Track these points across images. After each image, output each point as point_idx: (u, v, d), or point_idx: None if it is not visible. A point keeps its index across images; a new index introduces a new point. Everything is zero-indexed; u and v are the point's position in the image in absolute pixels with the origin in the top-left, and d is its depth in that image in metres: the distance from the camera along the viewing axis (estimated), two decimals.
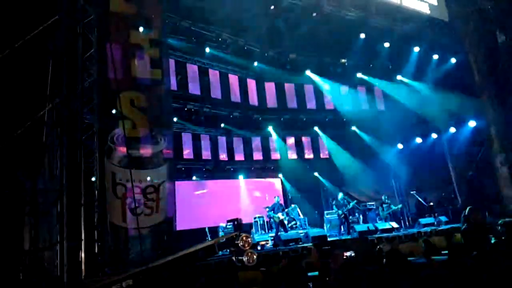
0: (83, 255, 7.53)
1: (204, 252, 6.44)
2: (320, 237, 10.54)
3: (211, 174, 15.94)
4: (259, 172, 17.24)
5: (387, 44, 15.37)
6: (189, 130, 14.82)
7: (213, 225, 13.94)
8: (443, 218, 12.96)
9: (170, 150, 8.81)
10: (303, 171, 17.98)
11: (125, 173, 7.86)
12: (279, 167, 17.60)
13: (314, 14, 12.95)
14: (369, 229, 11.65)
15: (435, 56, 15.65)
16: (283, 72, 16.24)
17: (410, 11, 13.31)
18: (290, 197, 17.14)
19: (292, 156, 17.69)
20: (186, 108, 14.36)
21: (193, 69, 14.30)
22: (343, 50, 15.90)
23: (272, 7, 12.47)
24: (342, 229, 12.48)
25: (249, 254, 6.60)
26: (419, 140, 16.48)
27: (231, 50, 14.27)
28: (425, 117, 15.99)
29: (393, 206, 13.36)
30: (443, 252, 6.92)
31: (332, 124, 17.87)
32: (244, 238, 6.79)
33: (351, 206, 12.52)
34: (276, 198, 12.71)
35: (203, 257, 6.64)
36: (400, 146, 17.05)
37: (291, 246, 10.28)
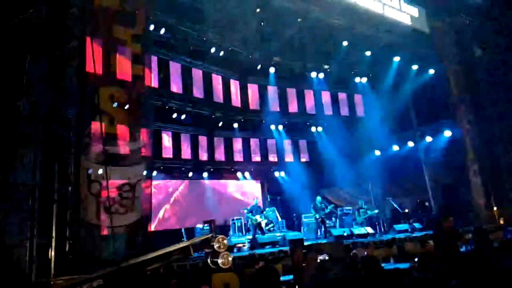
0: (54, 253, 7.34)
1: (179, 254, 6.37)
2: (297, 241, 10.57)
3: (191, 174, 15.83)
4: (240, 174, 17.22)
5: (369, 53, 15.62)
6: (170, 129, 14.67)
7: (190, 226, 13.84)
8: (417, 225, 13.23)
9: (149, 148, 8.68)
10: (283, 174, 18.10)
11: (101, 170, 7.70)
12: (260, 169, 17.64)
13: (300, 20, 13.04)
14: (345, 234, 11.79)
15: (415, 67, 15.99)
16: (267, 75, 16.28)
17: (392, 22, 13.54)
18: (269, 200, 17.18)
19: (273, 159, 17.74)
20: (167, 106, 14.20)
21: (176, 67, 14.12)
22: (326, 56, 16.06)
23: (258, 10, 12.48)
24: (319, 233, 12.55)
25: (225, 256, 6.56)
26: (396, 148, 16.80)
27: (216, 50, 14.19)
28: (403, 125, 16.34)
29: (369, 212, 13.55)
30: (417, 259, 7.04)
31: (313, 129, 18.05)
32: (220, 240, 6.76)
33: (329, 210, 12.61)
34: (255, 201, 12.72)
35: (177, 259, 6.57)
36: (378, 153, 17.33)
37: (268, 249, 10.27)
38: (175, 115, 14.62)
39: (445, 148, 15.42)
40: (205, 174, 16.20)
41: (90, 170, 7.91)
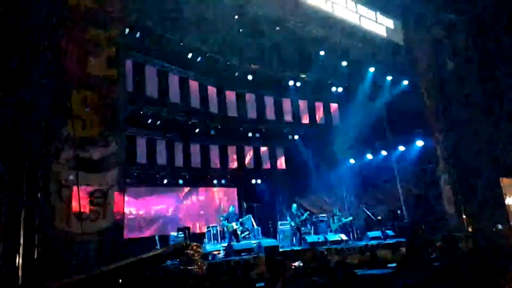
0: (21, 261, 7.06)
1: (152, 261, 6.24)
2: (272, 248, 10.56)
3: (166, 181, 15.59)
4: (216, 181, 17.09)
5: (345, 63, 15.90)
6: (144, 134, 14.41)
7: (164, 234, 13.62)
8: (390, 232, 13.48)
9: (122, 154, 8.49)
10: (260, 181, 18.10)
11: (72, 175, 7.48)
12: (236, 176, 17.58)
13: (277, 28, 13.16)
14: (320, 240, 11.88)
15: (389, 78, 16.37)
16: (244, 82, 16.32)
17: (368, 33, 13.85)
18: (246, 207, 17.13)
19: (250, 166, 17.73)
20: (142, 111, 13.92)
21: (152, 72, 13.92)
22: (304, 65, 16.26)
23: (237, 17, 12.52)
24: (294, 240, 12.60)
25: (199, 264, 6.47)
26: (370, 157, 17.10)
27: (193, 56, 14.11)
28: (377, 134, 16.67)
29: (344, 219, 13.71)
30: (389, 266, 7.15)
31: (290, 137, 18.17)
32: (194, 248, 6.66)
33: (304, 218, 12.70)
34: (231, 208, 12.66)
35: (151, 266, 6.44)
36: (353, 161, 17.60)
37: (243, 256, 10.20)
38: (150, 121, 14.39)
39: (417, 158, 15.81)
40: (181, 181, 15.99)
41: (61, 176, 7.67)
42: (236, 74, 15.77)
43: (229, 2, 11.90)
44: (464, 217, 14.09)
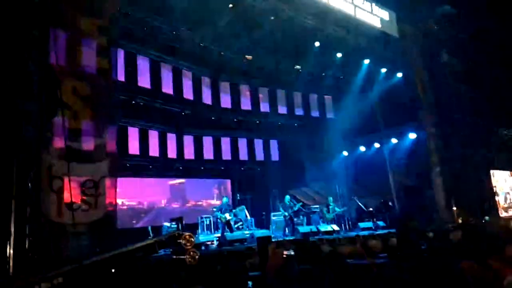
0: (12, 251, 7.02)
1: (144, 251, 6.22)
2: (265, 238, 10.59)
3: (159, 172, 15.54)
4: (209, 172, 17.08)
5: (340, 55, 15.85)
6: (137, 125, 14.30)
7: (157, 225, 13.61)
8: (381, 223, 13.61)
9: (114, 145, 8.43)
10: (253, 173, 18.12)
11: (63, 166, 7.41)
12: (230, 168, 17.57)
13: (272, 18, 13.04)
14: (312, 231, 11.98)
15: (383, 70, 16.37)
16: (238, 73, 16.23)
17: (363, 24, 13.78)
18: (239, 198, 17.16)
19: (244, 158, 17.73)
20: (134, 102, 13.82)
21: (144, 62, 13.76)
22: (298, 57, 16.19)
23: (231, 6, 12.38)
24: (287, 231, 12.67)
25: (191, 254, 6.46)
26: (363, 149, 17.17)
27: (187, 46, 13.96)
28: (370, 127, 16.71)
29: (337, 209, 13.79)
30: (380, 255, 7.20)
31: (284, 129, 18.17)
32: (187, 237, 6.63)
33: (297, 209, 12.75)
34: (225, 199, 12.67)
35: (143, 256, 6.42)
36: (346, 154, 17.66)
37: (236, 247, 10.25)
38: (143, 111, 14.30)
39: (410, 150, 15.92)
40: (174, 173, 15.95)
41: (52, 166, 7.61)
42: (230, 65, 15.66)
43: None
44: (455, 209, 14.25)
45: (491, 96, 16.45)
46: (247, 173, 18.04)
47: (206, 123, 16.38)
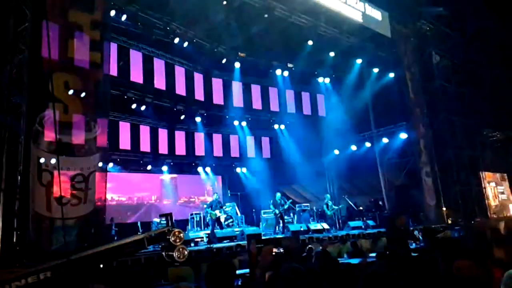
0: (0, 245, 6.97)
1: (133, 246, 6.19)
2: (255, 235, 10.62)
3: (149, 168, 15.47)
4: (201, 168, 17.04)
5: (332, 54, 15.89)
6: (128, 120, 14.22)
7: (147, 220, 13.57)
8: (371, 222, 13.68)
9: (105, 139, 8.37)
10: (245, 170, 18.14)
11: (53, 160, 7.34)
12: (221, 165, 17.56)
13: (266, 16, 13.01)
14: (302, 229, 12.01)
15: (376, 70, 16.43)
16: (231, 70, 16.17)
17: (356, 24, 13.81)
18: (230, 195, 17.17)
19: (235, 154, 17.71)
20: (126, 96, 13.75)
21: (137, 56, 13.62)
22: (291, 55, 16.19)
23: (225, 3, 12.32)
24: (277, 228, 12.69)
25: (180, 250, 6.45)
26: (354, 148, 17.26)
27: (179, 41, 13.86)
28: (361, 126, 16.80)
29: (335, 207, 13.86)
30: (370, 255, 7.26)
31: (276, 126, 18.20)
32: (176, 233, 6.62)
33: (287, 206, 12.76)
34: (215, 195, 12.65)
35: (131, 252, 6.39)
36: (337, 152, 17.74)
37: (226, 244, 10.25)
38: (135, 106, 14.22)
39: (400, 150, 16.04)
40: (165, 168, 15.89)
41: (42, 160, 7.53)
42: (223, 62, 15.60)
43: None
44: (444, 209, 14.39)
45: (483, 97, 16.63)
46: (238, 170, 18.08)
47: (198, 119, 16.32)
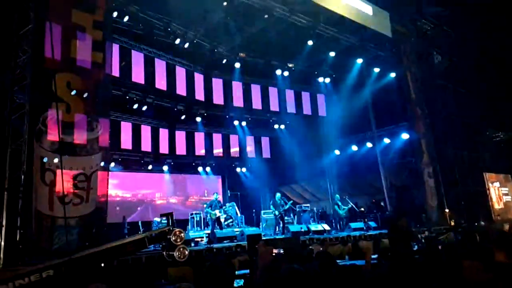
0: (3, 243, 7.02)
1: (134, 246, 6.23)
2: (255, 236, 10.64)
3: (150, 167, 15.52)
4: (201, 168, 17.08)
5: (333, 53, 15.89)
6: (129, 120, 14.30)
7: (148, 220, 13.61)
8: (372, 224, 13.60)
9: (106, 139, 8.42)
10: (245, 170, 18.17)
11: (55, 159, 7.39)
12: (221, 164, 17.60)
13: (266, 16, 13.03)
14: (302, 230, 11.99)
15: (376, 69, 16.40)
16: (232, 70, 16.20)
17: (356, 24, 13.80)
18: (229, 195, 17.19)
19: (235, 154, 17.75)
20: (128, 97, 13.81)
21: (139, 57, 13.69)
22: (291, 55, 16.21)
23: (225, 3, 12.35)
24: (277, 229, 12.69)
25: (181, 250, 6.49)
26: (355, 148, 17.24)
27: (180, 42, 13.91)
28: (362, 126, 16.77)
29: (345, 206, 13.81)
30: (372, 256, 7.25)
31: (276, 126, 18.22)
32: (177, 233, 6.66)
33: (288, 207, 12.77)
34: (215, 195, 12.66)
35: (132, 251, 6.42)
36: (337, 152, 17.73)
37: (226, 244, 10.27)
38: (136, 106, 14.26)
39: (402, 150, 15.96)
40: (165, 168, 15.95)
41: (45, 159, 7.58)
42: (224, 62, 15.64)
43: None
44: (446, 211, 14.29)
45: (484, 97, 16.61)
46: (238, 170, 18.11)
47: (199, 119, 16.35)
